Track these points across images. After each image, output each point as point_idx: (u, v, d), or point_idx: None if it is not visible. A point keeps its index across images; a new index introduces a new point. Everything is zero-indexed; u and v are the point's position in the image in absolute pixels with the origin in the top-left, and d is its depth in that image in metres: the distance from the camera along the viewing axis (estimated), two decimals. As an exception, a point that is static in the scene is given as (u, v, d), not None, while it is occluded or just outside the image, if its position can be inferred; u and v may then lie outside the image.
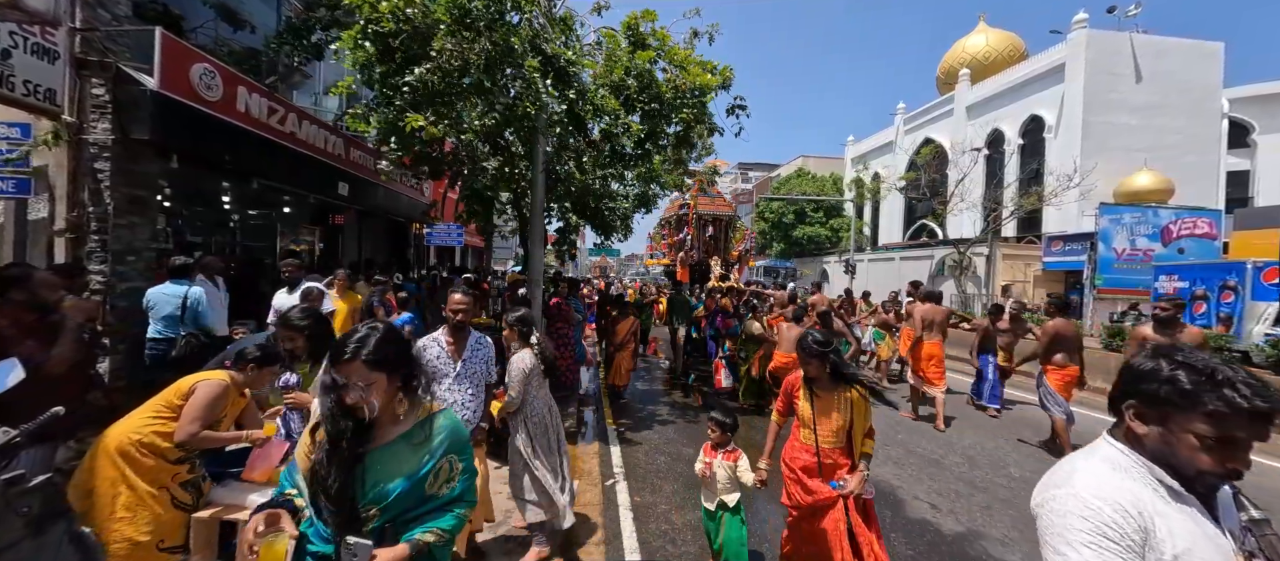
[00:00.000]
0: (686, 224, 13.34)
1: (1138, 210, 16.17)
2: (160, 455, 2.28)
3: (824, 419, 2.46)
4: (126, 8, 5.05)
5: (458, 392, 2.75)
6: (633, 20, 5.17)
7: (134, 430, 2.24)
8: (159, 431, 2.27)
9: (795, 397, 2.61)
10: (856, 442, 2.46)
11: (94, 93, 4.59)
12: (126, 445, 2.21)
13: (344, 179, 7.85)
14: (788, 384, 2.64)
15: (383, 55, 4.58)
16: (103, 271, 4.62)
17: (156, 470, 2.28)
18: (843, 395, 2.46)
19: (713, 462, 2.82)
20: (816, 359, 2.44)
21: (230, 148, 5.56)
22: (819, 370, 2.46)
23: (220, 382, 2.35)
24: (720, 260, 12.44)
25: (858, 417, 2.44)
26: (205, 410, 2.29)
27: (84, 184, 4.58)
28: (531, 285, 5.95)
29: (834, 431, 2.44)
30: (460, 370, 2.78)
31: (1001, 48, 26.07)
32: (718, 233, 13.43)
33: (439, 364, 2.74)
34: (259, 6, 7.86)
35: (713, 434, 2.88)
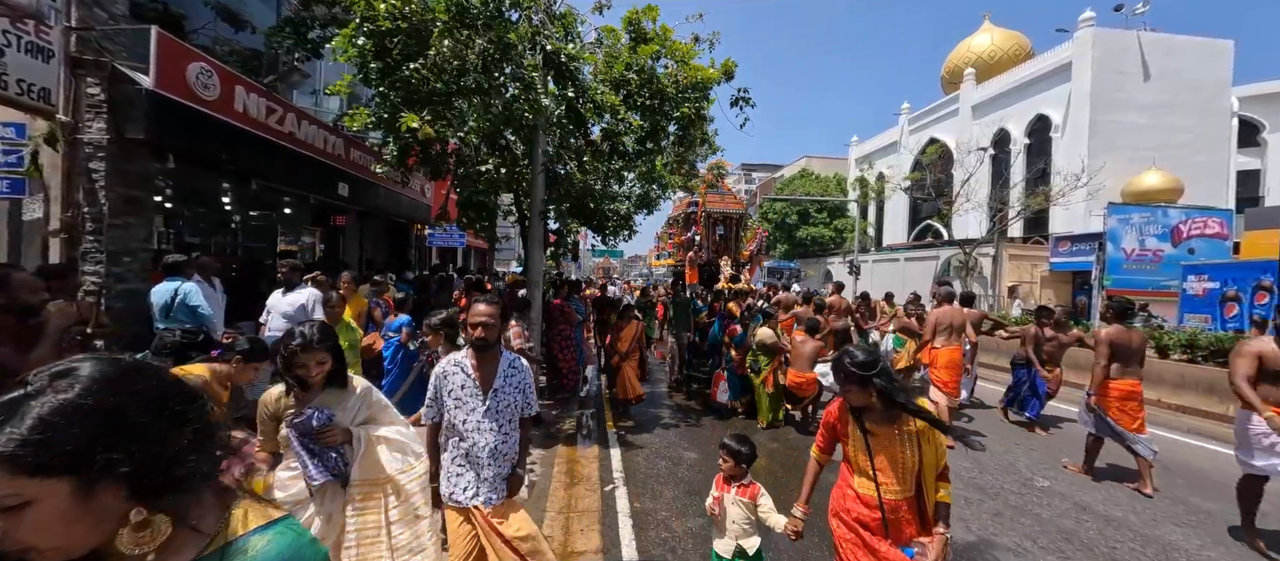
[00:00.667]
0: (695, 222, 12.79)
1: (1147, 210, 15.96)
2: None
3: (884, 460, 1.95)
4: (123, 7, 5.01)
5: (487, 432, 2.16)
6: (634, 15, 5.10)
7: None
8: None
9: (841, 434, 2.08)
10: (928, 489, 1.95)
11: (89, 92, 4.55)
12: None
13: (344, 179, 7.81)
14: (829, 415, 2.13)
15: (379, 53, 4.52)
16: (98, 272, 4.57)
17: None
18: (904, 427, 1.94)
19: (724, 498, 2.40)
20: (858, 385, 1.92)
21: (227, 147, 5.51)
22: (865, 398, 1.95)
23: (197, 377, 2.23)
24: (730, 260, 11.92)
25: (928, 455, 1.94)
26: None
27: (79, 184, 4.54)
28: (531, 286, 5.87)
29: (898, 476, 1.93)
30: (491, 403, 2.17)
31: (1007, 47, 25.87)
32: (728, 232, 12.85)
33: (464, 395, 2.17)
34: (259, 7, 7.84)
35: (724, 464, 2.44)
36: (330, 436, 2.02)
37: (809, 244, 30.77)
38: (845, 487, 2.07)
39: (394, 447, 2.14)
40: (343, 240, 10.37)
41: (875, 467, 1.95)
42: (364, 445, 2.06)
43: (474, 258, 20.79)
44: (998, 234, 18.70)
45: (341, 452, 2.06)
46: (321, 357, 1.98)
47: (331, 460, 2.04)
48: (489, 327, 2.16)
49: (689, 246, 12.78)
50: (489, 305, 2.18)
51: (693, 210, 12.70)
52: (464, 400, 2.17)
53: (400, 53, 4.56)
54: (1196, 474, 4.70)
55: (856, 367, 1.92)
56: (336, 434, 2.03)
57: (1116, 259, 15.41)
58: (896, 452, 1.93)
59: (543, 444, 4.97)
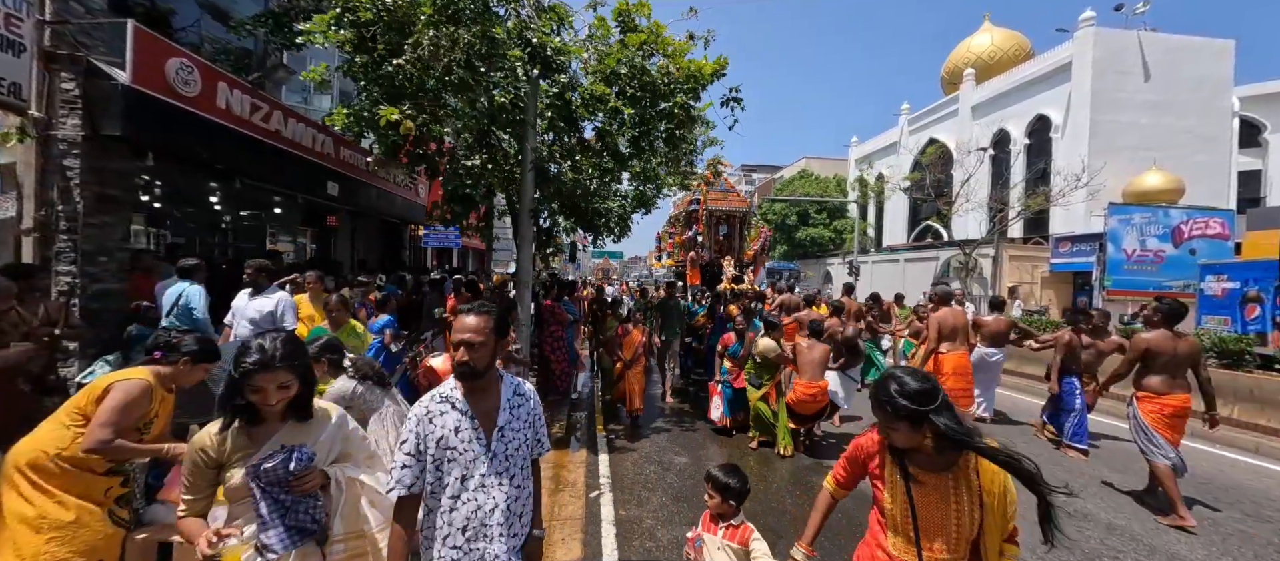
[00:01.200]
0: (696, 221, 12.31)
1: (1148, 210, 15.84)
2: (85, 467, 2.06)
3: (931, 517, 1.48)
4: (101, 1, 4.90)
5: (495, 489, 1.57)
6: (624, 6, 4.99)
7: (48, 442, 2.02)
8: (80, 440, 2.04)
9: (873, 475, 1.62)
10: (989, 558, 1.50)
11: (63, 87, 4.43)
12: (42, 460, 1.99)
13: (334, 178, 7.69)
14: (860, 448, 1.66)
15: (360, 46, 4.41)
16: (71, 272, 4.45)
17: (86, 484, 2.07)
18: (962, 475, 1.47)
19: (707, 541, 2.02)
20: (910, 423, 1.44)
21: (209, 145, 5.40)
22: (915, 438, 1.47)
23: (139, 382, 2.09)
24: (733, 260, 11.41)
25: (993, 514, 1.46)
26: (120, 414, 2.02)
27: (52, 182, 4.42)
28: (520, 286, 5.76)
29: (950, 540, 1.47)
30: (498, 447, 1.59)
31: (1007, 47, 25.77)
32: (732, 230, 12.41)
33: (460, 442, 1.56)
34: (248, 5, 7.73)
35: (710, 500, 2.07)
36: (309, 482, 1.59)
37: (808, 245, 30.65)
38: (875, 547, 1.60)
39: (371, 498, 1.82)
40: (335, 240, 10.25)
41: (918, 526, 1.49)
42: (345, 489, 1.72)
43: (472, 258, 20.68)
44: (998, 234, 18.57)
45: (317, 503, 1.64)
46: (285, 380, 1.56)
47: (305, 515, 1.60)
48: (475, 348, 1.53)
49: (690, 245, 12.32)
50: (479, 317, 1.57)
51: (694, 208, 12.24)
52: (460, 449, 1.55)
53: (384, 47, 4.46)
54: (1202, 479, 4.57)
55: (909, 400, 1.42)
56: (316, 478, 1.62)
57: (1117, 259, 15.28)
58: (950, 509, 1.46)
59: (530, 448, 4.86)
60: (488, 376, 1.62)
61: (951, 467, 1.48)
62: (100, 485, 2.12)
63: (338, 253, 10.06)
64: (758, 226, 13.72)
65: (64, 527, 1.97)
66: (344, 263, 9.36)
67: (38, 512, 1.96)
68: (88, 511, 2.04)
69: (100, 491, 2.12)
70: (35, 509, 1.96)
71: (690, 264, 11.77)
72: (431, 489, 1.57)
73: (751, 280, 11.26)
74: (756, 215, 15.72)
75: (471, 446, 1.56)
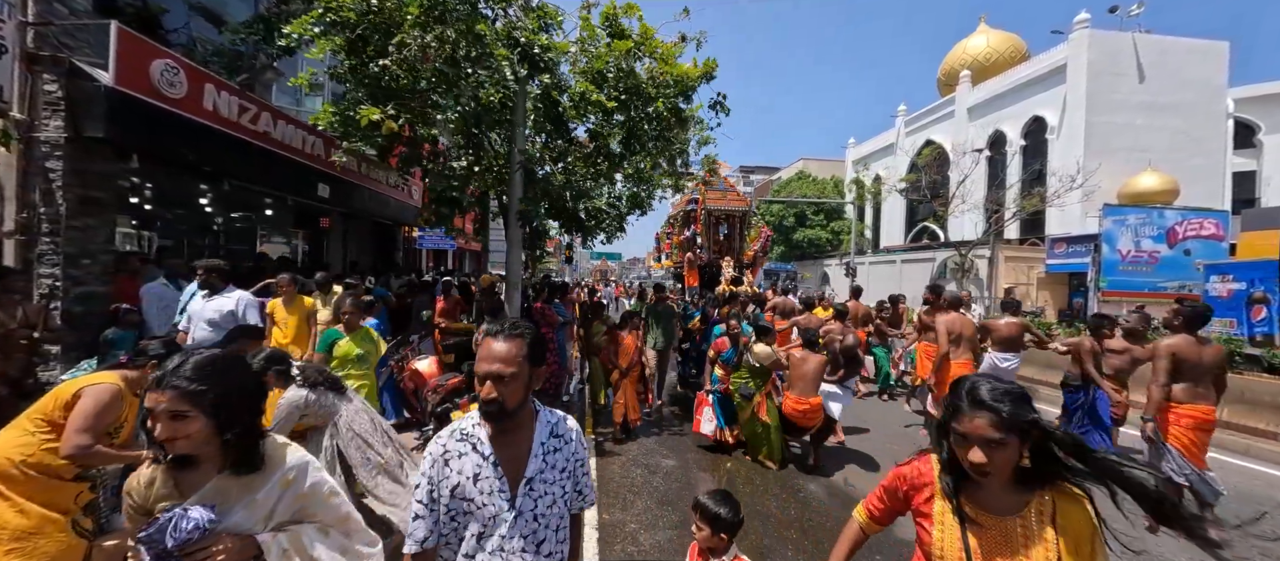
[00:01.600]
0: (694, 221, 11.91)
1: (1143, 211, 15.87)
2: (53, 474, 2.03)
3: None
4: (86, 2, 4.88)
5: (518, 556, 1.27)
6: (611, 10, 4.98)
7: (11, 449, 1.99)
8: (48, 446, 2.01)
9: (920, 516, 1.30)
10: None
11: (46, 89, 4.42)
12: (6, 467, 1.96)
13: (325, 181, 7.66)
14: (903, 478, 1.36)
15: (349, 49, 4.39)
16: (54, 275, 4.42)
17: (53, 492, 2.03)
18: (1032, 518, 1.16)
19: None
20: (1021, 434, 1.13)
21: (196, 147, 5.37)
22: (1009, 460, 1.14)
23: (109, 386, 2.07)
24: (732, 261, 11.02)
25: None
26: (94, 418, 2.00)
27: (35, 184, 4.40)
28: (509, 287, 5.74)
29: None
30: (524, 505, 1.30)
31: (1002, 49, 25.84)
32: (732, 231, 12.01)
33: (479, 496, 1.26)
34: (240, 7, 7.72)
35: (698, 532, 1.82)
36: (205, 556, 1.16)
37: (806, 246, 30.66)
38: None
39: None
40: (327, 243, 10.22)
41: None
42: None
43: (468, 260, 20.65)
44: (994, 235, 18.59)
45: None
46: (177, 409, 1.17)
47: None
48: (505, 382, 1.25)
49: (688, 246, 11.91)
50: (509, 342, 1.27)
51: (692, 208, 11.89)
52: (479, 502, 1.27)
53: (373, 50, 4.44)
54: (1190, 481, 4.54)
55: (1015, 406, 1.11)
56: (220, 553, 1.17)
57: (1112, 260, 15.30)
58: (1019, 555, 1.14)
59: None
60: (520, 414, 1.32)
61: (1018, 510, 1.17)
62: (69, 492, 2.09)
63: (330, 255, 10.03)
64: (758, 227, 13.24)
65: (24, 538, 1.93)
66: (335, 265, 9.33)
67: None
68: (50, 521, 2.00)
69: (68, 498, 2.09)
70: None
71: (687, 265, 11.39)
72: (446, 541, 1.30)
73: (750, 281, 10.89)
74: (757, 215, 14.95)
75: (493, 500, 1.27)
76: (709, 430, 4.95)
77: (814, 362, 4.52)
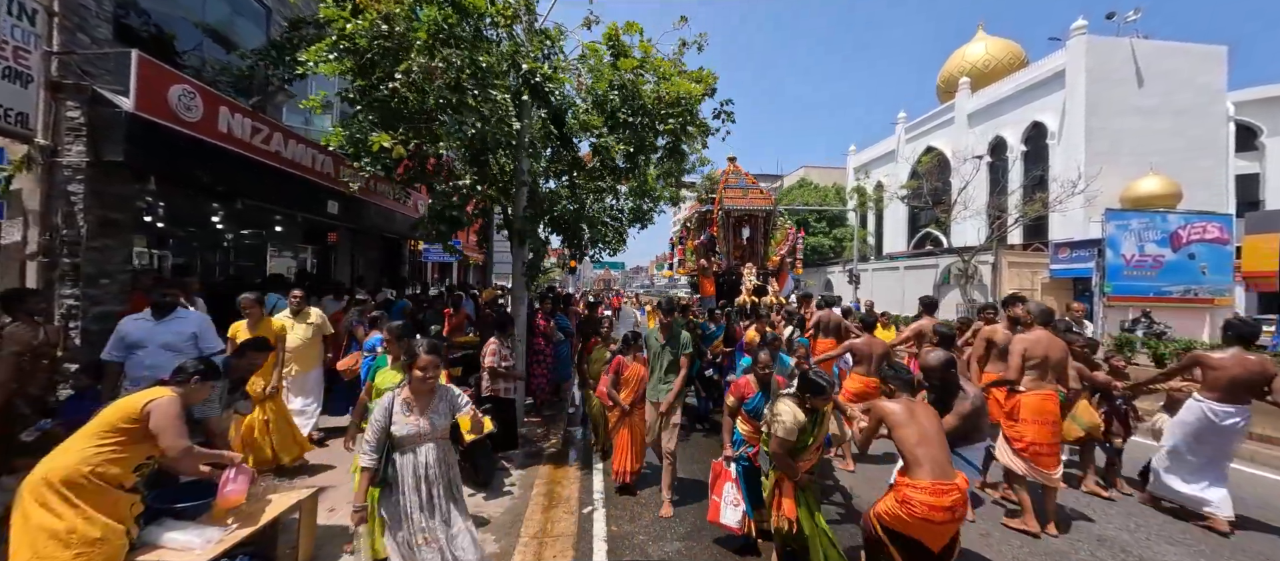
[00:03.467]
0: (710, 223, 10.40)
1: (1146, 215, 15.88)
2: (115, 483, 2.19)
3: None
4: (107, 32, 5.05)
5: None
6: (613, 31, 5.10)
7: (81, 460, 2.12)
8: (112, 459, 2.18)
9: None
10: None
11: (69, 115, 4.57)
12: (76, 477, 2.09)
13: (334, 197, 7.81)
14: None
15: (359, 72, 4.52)
16: (74, 295, 4.54)
17: (115, 501, 2.19)
18: None
19: None
20: None
21: (211, 168, 5.52)
22: None
23: (173, 398, 2.31)
24: (754, 269, 9.40)
25: None
26: (179, 423, 2.27)
27: (57, 207, 4.53)
28: (515, 301, 5.82)
29: None
30: None
31: (1001, 55, 26.02)
32: (754, 233, 10.48)
33: None
34: (249, 28, 7.92)
35: None
36: None
37: (809, 253, 30.67)
38: None
39: None
40: (335, 257, 10.36)
41: None
42: None
43: (472, 272, 20.79)
44: (996, 241, 18.60)
45: None
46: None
47: None
48: None
49: (704, 252, 10.53)
50: None
51: (707, 210, 10.67)
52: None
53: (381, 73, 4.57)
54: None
55: None
56: None
57: (1116, 265, 15.29)
58: None
59: (524, 464, 4.88)
60: None
61: None
62: (126, 502, 2.24)
63: (338, 269, 10.16)
64: (784, 227, 11.09)
65: (92, 544, 2.06)
66: (343, 279, 9.45)
67: (68, 527, 2.05)
68: (113, 529, 2.15)
69: (125, 508, 2.24)
70: (65, 523, 2.05)
71: (701, 274, 9.93)
72: None
73: (775, 292, 9.38)
74: (783, 215, 12.22)
75: None
76: (733, 520, 3.17)
77: (927, 418, 2.65)
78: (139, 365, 3.45)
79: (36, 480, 2.10)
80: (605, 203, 7.45)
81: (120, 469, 2.20)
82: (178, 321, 3.65)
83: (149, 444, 2.28)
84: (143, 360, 3.46)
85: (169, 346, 3.50)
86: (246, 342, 3.55)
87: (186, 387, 2.45)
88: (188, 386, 2.46)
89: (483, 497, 4.09)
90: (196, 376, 2.50)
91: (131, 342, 3.50)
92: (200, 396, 2.57)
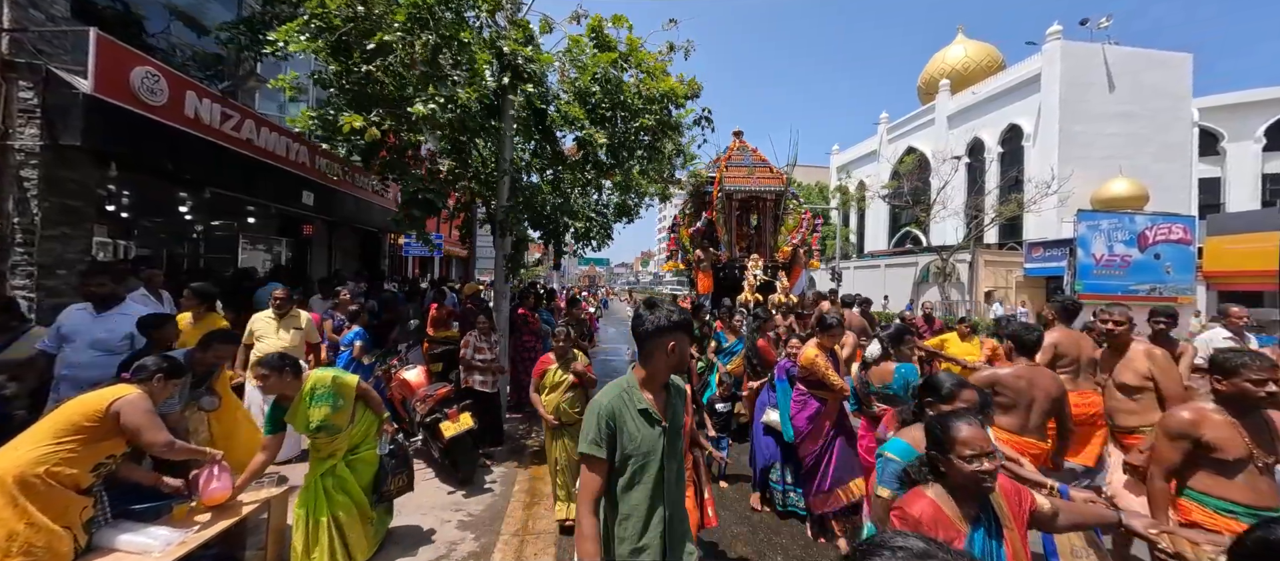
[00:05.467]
0: (708, 206, 8.77)
1: (1114, 216, 16.40)
2: (71, 485, 2.06)
3: None
4: (63, 8, 4.79)
5: None
6: (597, 22, 5.04)
7: (36, 459, 1.99)
8: (70, 458, 2.04)
9: None
10: None
11: (21, 96, 4.32)
12: (29, 476, 1.96)
13: (308, 188, 7.58)
14: None
15: (334, 53, 4.37)
16: (27, 286, 4.31)
17: (66, 504, 2.06)
18: None
19: None
20: None
21: (177, 155, 5.29)
22: None
23: (141, 394, 2.24)
24: (761, 260, 7.95)
25: None
26: (154, 418, 2.23)
27: (9, 194, 4.29)
28: (497, 296, 5.73)
29: None
30: None
31: (980, 59, 26.59)
32: (763, 219, 8.87)
33: None
34: (221, 11, 7.62)
35: None
36: None
37: (792, 251, 31.05)
38: None
39: None
40: (311, 250, 10.07)
41: None
42: None
43: (454, 266, 20.48)
44: (974, 240, 19.03)
45: None
46: None
47: None
48: None
49: (700, 241, 8.79)
50: None
51: (707, 192, 8.84)
52: None
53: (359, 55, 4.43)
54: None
55: None
56: None
57: (1087, 265, 15.76)
58: None
59: (506, 459, 4.81)
60: None
61: None
62: (77, 506, 2.12)
63: (313, 263, 9.88)
64: (798, 213, 9.27)
65: (32, 551, 1.93)
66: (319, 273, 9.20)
67: (7, 532, 1.91)
68: (56, 535, 2.02)
69: (76, 512, 2.12)
70: (4, 529, 1.91)
71: (697, 266, 8.29)
72: None
73: (785, 288, 7.80)
74: (797, 197, 10.08)
75: None
76: None
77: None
78: (62, 362, 3.09)
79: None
80: (590, 198, 7.39)
81: (78, 469, 2.08)
82: (116, 318, 3.26)
83: (109, 442, 2.16)
84: (67, 356, 3.09)
85: (100, 345, 3.14)
86: (212, 334, 3.36)
87: (149, 386, 2.33)
88: (150, 384, 2.34)
89: (463, 495, 4.01)
90: (160, 374, 2.38)
91: (65, 333, 3.13)
92: (163, 395, 2.45)
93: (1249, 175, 22.23)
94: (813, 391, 3.39)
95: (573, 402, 3.50)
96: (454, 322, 7.06)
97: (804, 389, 3.42)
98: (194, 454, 2.46)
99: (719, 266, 8.28)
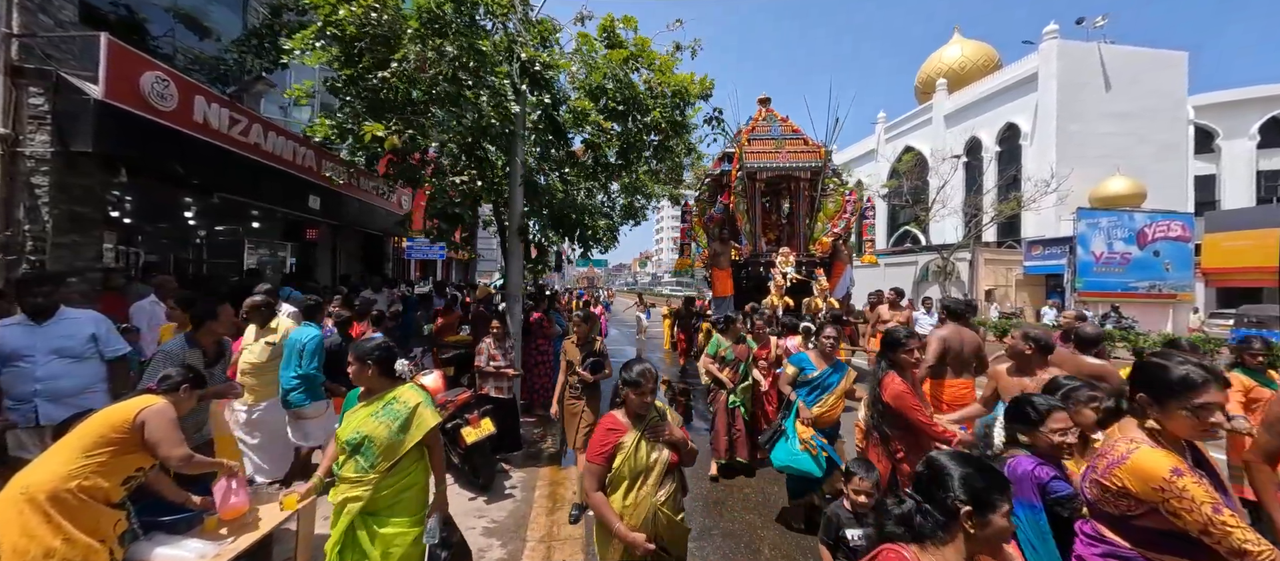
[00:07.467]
0: (725, 189, 7.15)
1: (1113, 214, 16.51)
2: (102, 498, 2.03)
3: None
4: (72, 13, 4.74)
5: None
6: (608, 22, 5.04)
7: (67, 474, 1.95)
8: (101, 471, 2.01)
9: None
10: None
11: (32, 102, 4.28)
12: (61, 491, 1.92)
13: (315, 192, 7.53)
14: None
15: (347, 60, 4.35)
16: (39, 294, 4.25)
17: (98, 518, 2.01)
18: None
19: None
20: None
21: (186, 160, 5.24)
22: None
23: (166, 404, 2.20)
24: (792, 255, 6.34)
25: None
26: (177, 430, 2.18)
27: (20, 200, 4.24)
28: (510, 300, 5.70)
29: None
30: None
31: (976, 58, 26.72)
32: (795, 203, 7.22)
33: None
34: (225, 15, 7.57)
35: None
36: None
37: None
38: None
39: None
40: (315, 254, 10.01)
41: None
42: None
43: (455, 270, 20.42)
44: (973, 239, 19.12)
45: None
46: None
47: None
48: None
49: (717, 232, 7.18)
50: None
51: (724, 173, 7.20)
52: None
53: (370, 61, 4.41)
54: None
55: None
56: None
57: (1087, 262, 15.86)
58: None
59: (524, 464, 4.78)
60: None
61: None
62: (110, 519, 2.08)
63: (318, 267, 9.83)
64: (840, 194, 7.31)
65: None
66: (323, 277, 9.15)
67: (44, 549, 1.87)
68: (93, 550, 1.98)
69: (109, 526, 2.08)
70: (40, 545, 1.88)
71: (713, 263, 6.78)
72: None
73: (824, 290, 6.32)
74: (838, 176, 7.78)
75: None
76: None
77: None
78: (26, 377, 2.82)
79: (14, 496, 1.93)
80: (597, 199, 7.38)
81: (109, 482, 2.04)
82: (66, 322, 3.00)
83: (138, 455, 2.13)
84: (30, 372, 2.82)
85: (64, 352, 2.93)
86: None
87: (175, 396, 2.31)
88: (176, 395, 2.32)
89: (484, 501, 3.98)
90: (186, 384, 2.37)
91: (7, 353, 2.81)
92: (188, 405, 2.42)
93: (1244, 172, 22.44)
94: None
95: (673, 500, 2.02)
96: (464, 327, 7.03)
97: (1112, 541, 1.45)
98: (211, 467, 2.42)
99: (740, 263, 6.75)
